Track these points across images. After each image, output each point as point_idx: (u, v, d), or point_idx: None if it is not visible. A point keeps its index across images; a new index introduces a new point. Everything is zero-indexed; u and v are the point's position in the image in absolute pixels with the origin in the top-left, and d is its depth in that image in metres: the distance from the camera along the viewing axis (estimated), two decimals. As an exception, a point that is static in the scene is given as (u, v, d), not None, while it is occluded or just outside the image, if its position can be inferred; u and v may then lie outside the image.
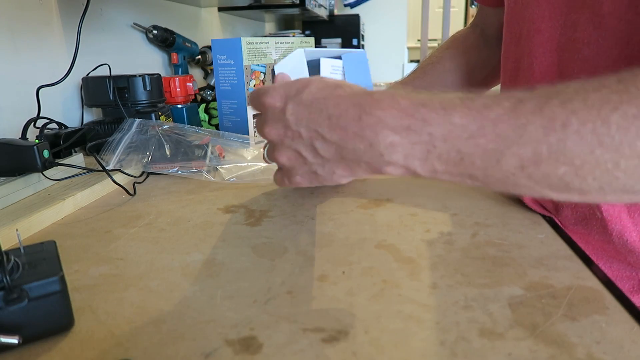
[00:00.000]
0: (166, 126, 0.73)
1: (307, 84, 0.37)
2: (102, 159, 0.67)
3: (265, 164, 0.68)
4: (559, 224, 0.51)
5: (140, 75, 0.89)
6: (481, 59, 0.73)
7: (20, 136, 0.65)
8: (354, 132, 0.34)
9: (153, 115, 0.86)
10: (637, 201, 0.43)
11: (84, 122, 0.95)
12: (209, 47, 1.42)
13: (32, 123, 0.70)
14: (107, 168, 0.64)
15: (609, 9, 0.41)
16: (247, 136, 0.78)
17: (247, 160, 0.73)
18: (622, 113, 0.27)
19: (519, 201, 0.56)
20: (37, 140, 0.62)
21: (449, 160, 0.32)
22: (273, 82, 0.44)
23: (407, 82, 0.73)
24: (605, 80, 0.29)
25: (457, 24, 3.69)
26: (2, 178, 0.58)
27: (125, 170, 0.67)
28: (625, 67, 0.41)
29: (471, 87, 0.75)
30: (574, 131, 0.28)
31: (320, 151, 0.36)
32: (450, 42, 0.77)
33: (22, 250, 0.35)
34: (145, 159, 0.68)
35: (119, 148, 0.68)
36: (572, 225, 0.51)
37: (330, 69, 0.55)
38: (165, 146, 0.70)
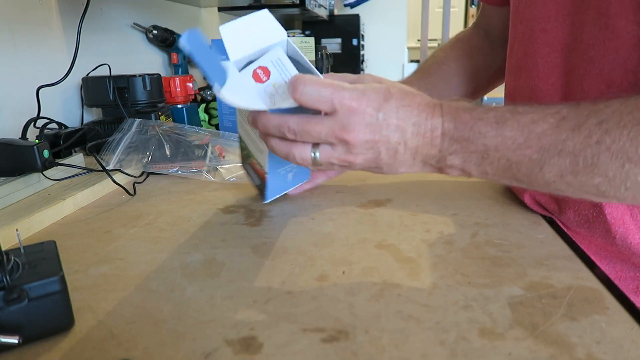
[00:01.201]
0: (166, 126, 0.73)
1: (389, 91, 0.39)
2: (102, 159, 0.67)
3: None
4: (561, 225, 0.51)
5: (140, 75, 0.89)
6: (486, 61, 0.73)
7: (20, 136, 0.65)
8: (429, 140, 0.38)
9: (153, 115, 0.86)
10: None
11: (84, 122, 0.95)
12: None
13: (32, 123, 0.70)
14: (107, 168, 0.64)
15: (617, 10, 0.41)
16: None
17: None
18: None
19: (519, 201, 0.56)
20: (37, 140, 0.62)
21: (499, 167, 0.37)
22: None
23: (412, 81, 0.72)
24: (636, 102, 0.33)
25: (457, 24, 3.69)
26: (2, 178, 0.58)
27: (125, 170, 0.67)
28: (632, 71, 0.41)
29: (476, 88, 0.73)
30: (606, 148, 0.33)
31: (399, 155, 0.40)
32: (454, 43, 0.76)
33: (22, 250, 0.35)
34: (146, 159, 0.68)
35: (119, 148, 0.68)
36: (576, 227, 0.51)
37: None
38: (165, 146, 0.70)
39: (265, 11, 0.42)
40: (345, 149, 0.39)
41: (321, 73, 0.43)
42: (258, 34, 0.43)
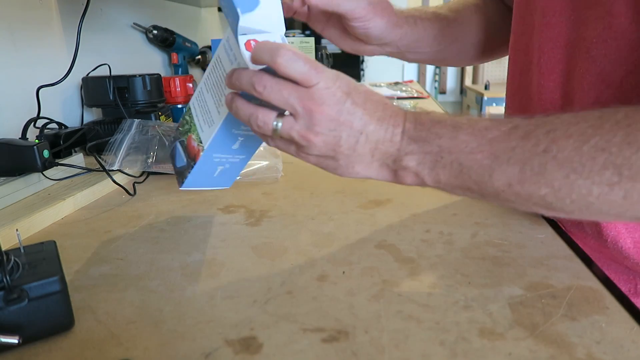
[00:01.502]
0: (166, 126, 0.73)
1: (361, 85, 0.41)
2: (103, 160, 0.67)
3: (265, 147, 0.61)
4: (559, 224, 0.51)
5: (140, 75, 0.89)
6: (500, 28, 0.65)
7: (20, 136, 0.65)
8: (390, 137, 0.38)
9: (153, 115, 0.86)
10: (623, 222, 0.46)
11: (84, 122, 0.95)
12: (209, 47, 1.43)
13: (32, 123, 0.70)
14: (110, 168, 0.64)
15: (619, 9, 0.40)
16: None
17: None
18: (593, 144, 0.31)
19: (519, 201, 0.56)
20: (37, 140, 0.62)
21: (452, 172, 0.36)
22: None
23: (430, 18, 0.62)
24: (588, 114, 0.33)
25: (457, 24, 3.68)
26: (2, 178, 0.58)
27: (126, 170, 0.67)
28: (633, 72, 0.41)
29: (485, 53, 0.68)
30: (552, 157, 0.32)
31: (358, 146, 0.39)
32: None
33: (22, 250, 0.35)
34: (150, 159, 0.68)
35: (122, 149, 0.68)
36: (571, 227, 0.51)
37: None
38: (166, 146, 0.70)
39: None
40: (308, 123, 0.38)
41: None
42: (269, 16, 0.43)
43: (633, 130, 0.30)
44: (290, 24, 2.58)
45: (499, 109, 2.99)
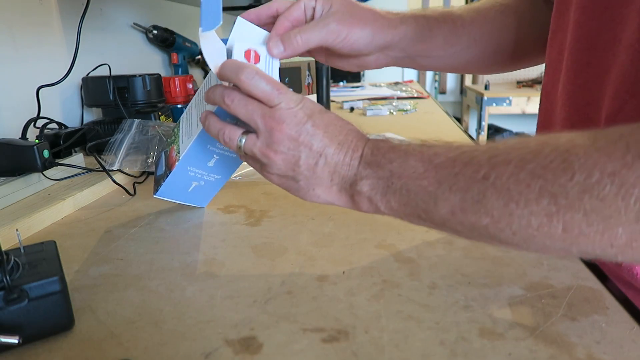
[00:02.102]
0: (166, 126, 0.73)
1: (325, 110, 0.41)
2: (103, 160, 0.67)
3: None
4: None
5: (140, 75, 0.89)
6: (538, 28, 0.58)
7: (20, 136, 0.65)
8: (348, 161, 0.38)
9: (153, 115, 0.87)
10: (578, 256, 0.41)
11: (84, 122, 0.95)
12: (209, 47, 1.42)
13: (32, 123, 0.70)
14: (110, 168, 0.64)
15: None
16: None
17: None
18: (529, 170, 0.29)
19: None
20: (37, 140, 0.62)
21: (401, 198, 0.36)
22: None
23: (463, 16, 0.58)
24: (536, 138, 0.31)
25: (457, 24, 3.68)
26: (2, 178, 0.58)
27: (126, 170, 0.67)
28: None
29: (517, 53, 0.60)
30: (491, 184, 0.30)
31: (318, 168, 0.39)
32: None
33: (22, 250, 0.35)
34: (150, 159, 0.68)
35: (122, 149, 0.68)
36: None
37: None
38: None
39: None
40: (268, 140, 0.39)
41: (322, 73, 0.45)
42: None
43: (570, 156, 0.28)
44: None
45: (499, 109, 2.98)
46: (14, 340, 0.30)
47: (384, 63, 0.58)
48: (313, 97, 1.07)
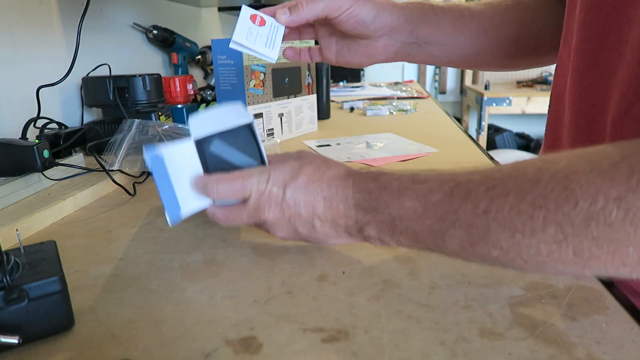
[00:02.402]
0: (167, 126, 0.73)
1: (300, 168, 0.40)
2: (104, 160, 0.67)
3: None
4: None
5: (140, 75, 0.89)
6: (551, 26, 0.56)
7: (20, 136, 0.65)
8: (343, 212, 0.38)
9: (153, 115, 0.86)
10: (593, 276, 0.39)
11: (84, 122, 0.95)
12: (209, 47, 1.43)
13: (32, 123, 0.70)
14: (110, 168, 0.64)
15: None
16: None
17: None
18: (530, 202, 0.28)
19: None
20: (37, 140, 0.62)
21: (409, 237, 0.35)
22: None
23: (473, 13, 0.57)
24: (530, 165, 0.30)
25: (457, 24, 3.68)
26: (2, 178, 0.58)
27: (126, 170, 0.67)
28: None
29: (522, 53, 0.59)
30: (492, 218, 0.30)
31: (317, 229, 0.40)
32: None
33: (22, 250, 0.35)
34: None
35: (122, 149, 0.68)
36: None
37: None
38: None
39: (239, 102, 0.45)
40: (266, 227, 0.42)
41: (322, 73, 0.45)
42: (226, 118, 0.44)
43: (571, 183, 0.27)
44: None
45: (499, 109, 2.98)
46: (14, 340, 0.30)
47: (393, 51, 0.56)
48: (313, 97, 1.07)
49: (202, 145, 0.42)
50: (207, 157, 0.43)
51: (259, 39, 0.46)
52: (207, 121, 0.43)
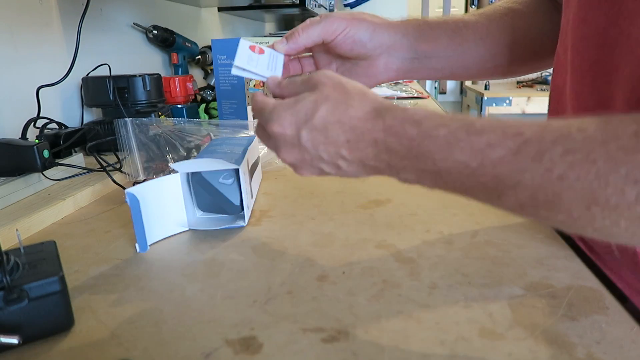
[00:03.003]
0: (166, 126, 0.73)
1: (315, 107, 0.36)
2: (102, 160, 0.67)
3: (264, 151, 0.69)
4: (587, 252, 0.48)
5: (140, 75, 0.89)
6: (547, 31, 0.56)
7: (20, 136, 0.65)
8: (373, 155, 0.35)
9: (153, 115, 0.86)
10: None
11: (84, 122, 0.95)
12: (209, 47, 1.42)
13: (32, 123, 0.70)
14: (135, 179, 0.64)
15: None
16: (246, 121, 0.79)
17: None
18: (624, 175, 0.25)
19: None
20: (37, 140, 0.62)
21: (455, 189, 0.33)
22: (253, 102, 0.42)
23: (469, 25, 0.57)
24: (622, 130, 0.26)
25: (457, 24, 3.69)
26: (2, 178, 0.58)
27: (149, 178, 0.67)
28: None
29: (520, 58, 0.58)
30: (568, 185, 0.27)
31: (343, 167, 0.37)
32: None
33: (22, 250, 0.35)
34: (170, 161, 0.68)
35: (134, 155, 0.67)
36: (603, 253, 0.47)
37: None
38: (177, 145, 0.70)
39: (221, 160, 0.50)
40: (292, 167, 0.40)
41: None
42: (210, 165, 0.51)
43: None
44: (290, 24, 2.58)
45: (499, 109, 2.99)
46: (14, 340, 0.30)
47: (394, 68, 0.55)
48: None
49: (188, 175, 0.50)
50: (191, 181, 0.50)
51: (260, 64, 0.47)
52: (192, 163, 0.50)
